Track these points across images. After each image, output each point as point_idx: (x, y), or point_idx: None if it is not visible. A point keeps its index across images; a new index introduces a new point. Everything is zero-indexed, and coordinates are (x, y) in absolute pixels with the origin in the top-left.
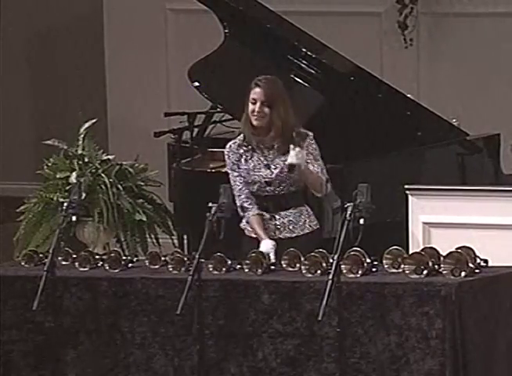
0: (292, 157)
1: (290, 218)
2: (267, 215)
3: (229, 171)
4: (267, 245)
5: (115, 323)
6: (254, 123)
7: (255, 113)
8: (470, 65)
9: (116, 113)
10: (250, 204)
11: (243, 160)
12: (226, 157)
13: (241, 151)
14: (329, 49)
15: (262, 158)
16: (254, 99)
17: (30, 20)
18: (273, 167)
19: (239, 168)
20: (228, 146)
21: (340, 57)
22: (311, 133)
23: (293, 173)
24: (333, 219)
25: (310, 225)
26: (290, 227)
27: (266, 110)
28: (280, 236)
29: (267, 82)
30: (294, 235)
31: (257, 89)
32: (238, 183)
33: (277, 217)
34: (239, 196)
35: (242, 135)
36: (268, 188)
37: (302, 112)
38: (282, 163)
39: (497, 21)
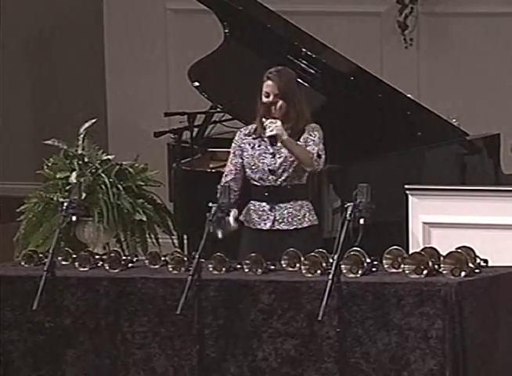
0: (268, 128)
1: (290, 211)
2: (266, 206)
3: (231, 154)
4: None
5: (115, 323)
6: (272, 115)
7: (271, 106)
8: (470, 65)
9: (116, 113)
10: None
11: (249, 146)
12: (234, 139)
13: (249, 138)
14: (329, 49)
15: (269, 146)
16: (266, 92)
17: (30, 20)
18: (278, 156)
19: (242, 154)
20: (239, 130)
21: (340, 57)
22: (314, 125)
23: (276, 144)
24: (333, 219)
25: (309, 220)
26: (289, 219)
27: (280, 102)
28: (278, 227)
29: (278, 74)
30: (293, 227)
31: (269, 82)
32: (231, 167)
33: (277, 208)
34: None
35: (254, 125)
36: (270, 177)
37: None
38: (286, 152)
39: (497, 21)
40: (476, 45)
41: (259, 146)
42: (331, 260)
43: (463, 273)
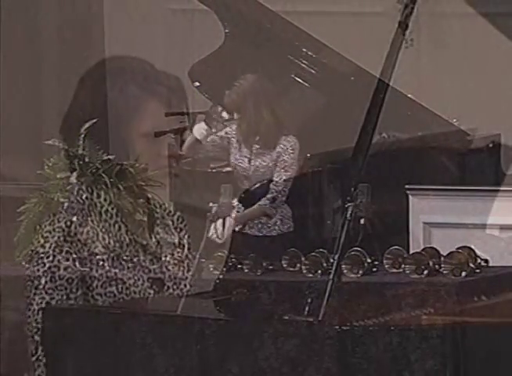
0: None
1: (261, 218)
2: (242, 208)
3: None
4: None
5: (115, 323)
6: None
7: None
8: (471, 65)
9: (116, 113)
10: None
11: (234, 146)
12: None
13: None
14: (329, 49)
15: (248, 151)
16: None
17: (29, 19)
18: (252, 163)
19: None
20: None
21: (340, 57)
22: (291, 140)
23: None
24: (333, 219)
25: (279, 229)
26: (259, 226)
27: (237, 116)
28: (248, 231)
29: (229, 93)
30: (261, 235)
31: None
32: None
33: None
34: None
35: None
36: (245, 181)
37: (302, 112)
38: (258, 163)
39: (498, 21)
40: (476, 45)
41: (240, 148)
42: (332, 260)
43: (463, 273)
